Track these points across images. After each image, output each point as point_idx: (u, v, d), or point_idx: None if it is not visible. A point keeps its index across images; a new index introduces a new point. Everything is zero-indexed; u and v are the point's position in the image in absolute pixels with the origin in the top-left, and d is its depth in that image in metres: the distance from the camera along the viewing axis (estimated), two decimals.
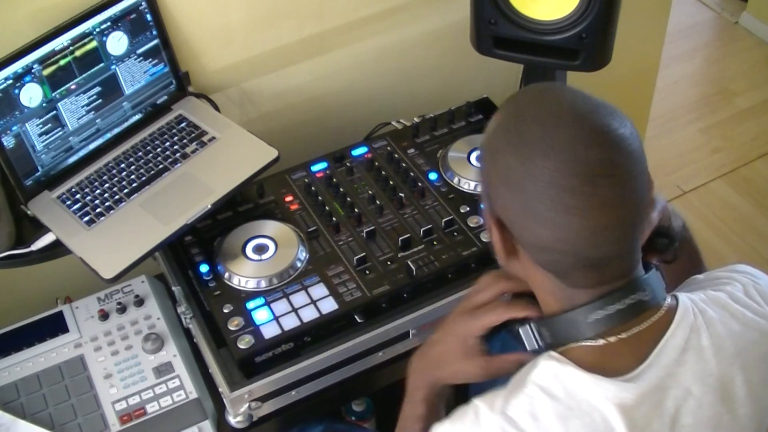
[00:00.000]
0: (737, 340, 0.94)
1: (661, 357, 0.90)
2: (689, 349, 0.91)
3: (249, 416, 1.25)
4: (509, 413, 0.88)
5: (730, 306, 0.96)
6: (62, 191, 1.38)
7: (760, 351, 0.96)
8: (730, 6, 3.50)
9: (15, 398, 1.27)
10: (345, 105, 1.75)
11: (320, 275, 1.32)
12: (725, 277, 1.02)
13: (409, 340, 1.32)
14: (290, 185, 1.48)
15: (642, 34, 2.05)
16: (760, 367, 0.96)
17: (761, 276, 1.03)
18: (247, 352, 1.22)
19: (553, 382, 0.89)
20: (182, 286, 1.33)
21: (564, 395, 0.88)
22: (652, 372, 0.89)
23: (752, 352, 0.95)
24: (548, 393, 0.88)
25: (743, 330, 0.95)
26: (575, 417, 0.87)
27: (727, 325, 0.94)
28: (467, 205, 1.42)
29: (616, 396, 0.87)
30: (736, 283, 1.00)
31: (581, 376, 0.88)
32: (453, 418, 0.93)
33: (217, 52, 1.55)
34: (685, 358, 0.91)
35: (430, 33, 1.75)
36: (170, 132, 1.47)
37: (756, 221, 2.66)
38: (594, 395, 0.87)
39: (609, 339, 0.90)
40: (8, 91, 1.27)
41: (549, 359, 0.91)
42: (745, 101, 3.08)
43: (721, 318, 0.94)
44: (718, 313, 0.95)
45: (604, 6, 1.31)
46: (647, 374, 0.89)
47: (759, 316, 0.97)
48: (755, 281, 1.01)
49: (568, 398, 0.88)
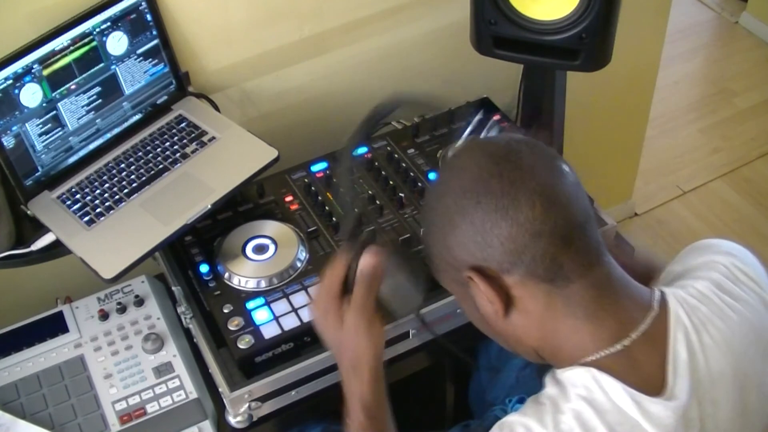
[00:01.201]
0: (742, 330, 0.93)
1: (678, 367, 0.89)
2: (695, 352, 0.90)
3: (249, 416, 1.25)
4: (563, 428, 0.87)
5: (718, 296, 0.94)
6: (62, 191, 1.38)
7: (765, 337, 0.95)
8: (730, 6, 3.50)
9: (15, 398, 1.27)
10: (345, 105, 1.75)
11: (320, 275, 1.31)
12: (703, 264, 0.99)
13: (409, 340, 1.32)
14: (290, 185, 1.48)
15: (642, 34, 2.05)
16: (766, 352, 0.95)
17: (739, 250, 1.01)
18: (247, 352, 1.22)
19: (598, 394, 0.88)
20: (182, 286, 1.33)
21: (610, 407, 0.87)
22: (679, 386, 0.88)
23: (760, 341, 0.94)
24: (594, 406, 0.87)
25: (740, 318, 0.93)
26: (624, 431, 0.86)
27: (724, 318, 0.93)
28: None
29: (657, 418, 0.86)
30: (718, 265, 0.98)
31: (621, 391, 0.87)
32: None
33: (217, 52, 1.55)
34: (694, 362, 0.89)
35: (430, 33, 1.75)
36: (170, 132, 1.47)
37: (756, 221, 2.66)
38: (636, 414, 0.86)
39: (624, 343, 0.89)
40: (8, 91, 1.27)
41: (581, 369, 0.90)
42: (745, 101, 3.08)
43: (714, 311, 0.93)
44: (709, 306, 0.93)
45: (604, 6, 1.31)
46: (676, 390, 0.88)
47: (753, 298, 0.95)
48: (734, 260, 0.99)
49: (614, 411, 0.87)
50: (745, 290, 0.96)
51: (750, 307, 0.95)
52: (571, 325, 0.91)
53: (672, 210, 2.71)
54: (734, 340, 0.92)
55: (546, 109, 1.65)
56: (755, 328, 0.94)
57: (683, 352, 0.89)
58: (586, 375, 0.89)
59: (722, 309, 0.93)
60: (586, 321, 0.90)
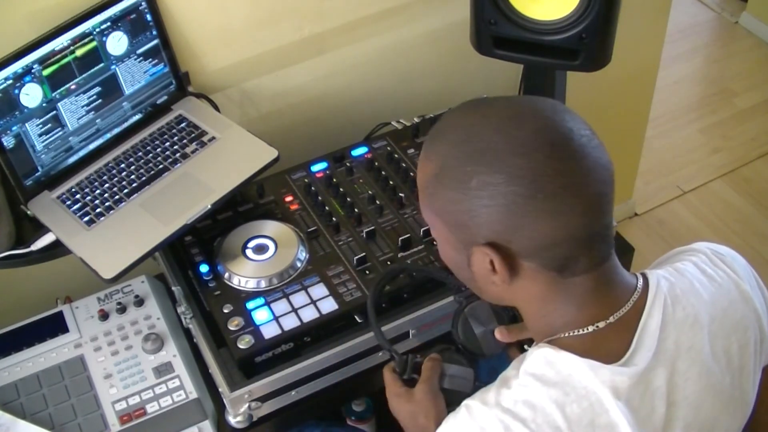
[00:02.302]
0: (710, 309, 0.96)
1: (644, 339, 0.91)
2: (667, 325, 0.92)
3: (249, 416, 1.25)
4: (505, 404, 0.88)
5: (697, 276, 0.98)
6: (62, 191, 1.38)
7: (734, 317, 0.98)
8: (730, 6, 3.50)
9: (15, 398, 1.27)
10: (345, 105, 1.75)
11: (320, 275, 1.32)
12: (687, 250, 1.04)
13: (409, 340, 1.32)
14: (290, 185, 1.48)
15: (642, 34, 2.05)
16: (737, 333, 0.98)
17: (719, 246, 1.05)
18: (247, 352, 1.22)
19: (547, 369, 0.90)
20: (182, 286, 1.33)
21: (559, 380, 0.89)
22: (640, 355, 0.91)
23: (726, 319, 0.97)
24: (542, 380, 0.89)
25: (713, 299, 0.97)
26: (572, 401, 0.88)
27: (698, 295, 0.96)
28: None
29: (610, 380, 0.88)
30: (700, 254, 1.02)
31: (577, 361, 0.89)
32: (445, 423, 0.92)
33: (217, 52, 1.55)
34: (664, 335, 0.92)
35: (430, 33, 1.75)
36: (170, 132, 1.47)
37: (756, 221, 2.66)
38: (590, 379, 0.88)
39: (598, 325, 0.91)
40: (8, 91, 1.27)
41: (541, 348, 0.92)
42: (745, 101, 3.08)
43: (690, 289, 0.96)
44: (686, 284, 0.96)
45: (604, 6, 1.31)
46: (635, 358, 0.90)
47: (726, 282, 0.99)
48: (715, 250, 1.03)
49: (563, 383, 0.88)
50: (720, 274, 0.99)
51: (722, 288, 0.98)
52: (559, 309, 0.93)
53: (672, 210, 2.71)
54: (701, 315, 0.95)
55: None
56: (723, 307, 0.97)
57: (654, 324, 0.92)
58: (540, 352, 0.91)
59: (695, 286, 0.97)
60: (574, 307, 0.92)
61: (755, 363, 1.00)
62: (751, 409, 1.01)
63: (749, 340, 0.98)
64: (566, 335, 0.92)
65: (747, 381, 0.99)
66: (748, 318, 0.99)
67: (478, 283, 0.96)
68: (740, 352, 0.98)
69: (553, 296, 0.92)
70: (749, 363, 0.99)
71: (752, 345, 0.99)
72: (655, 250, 0.97)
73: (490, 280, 0.92)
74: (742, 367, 0.98)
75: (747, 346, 0.98)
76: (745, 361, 0.98)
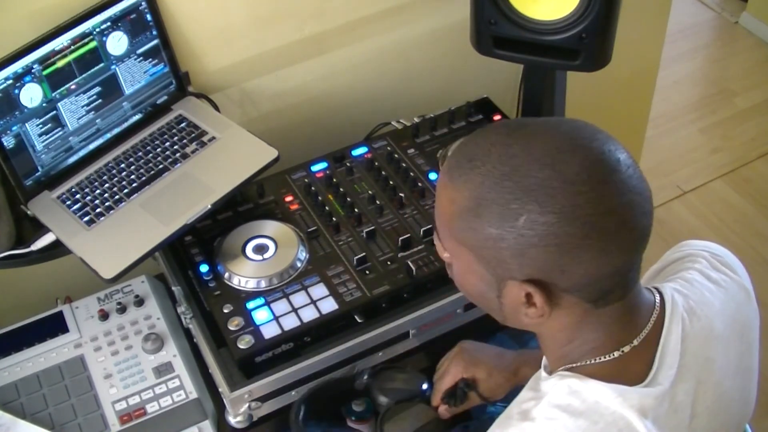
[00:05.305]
0: (722, 317, 0.96)
1: (666, 357, 0.90)
2: (686, 339, 0.92)
3: (249, 416, 1.25)
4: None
5: (705, 284, 0.98)
6: (62, 191, 1.38)
7: (742, 320, 0.98)
8: (730, 6, 3.50)
9: (15, 398, 1.27)
10: (345, 105, 1.75)
11: (320, 275, 1.32)
12: (685, 257, 1.02)
13: (408, 340, 1.32)
14: (290, 185, 1.48)
15: (642, 34, 2.05)
16: (745, 335, 0.98)
17: (712, 245, 1.04)
18: (247, 352, 1.22)
19: (572, 399, 0.87)
20: (182, 286, 1.33)
21: (585, 409, 0.87)
22: (663, 373, 0.89)
23: (736, 324, 0.97)
24: (568, 411, 0.87)
25: (723, 306, 0.97)
26: (601, 429, 0.86)
27: (710, 305, 0.96)
28: None
29: (639, 403, 0.86)
30: (700, 259, 1.01)
31: (603, 388, 0.87)
32: None
33: (217, 52, 1.55)
34: (684, 350, 0.91)
35: (430, 33, 1.75)
36: (170, 132, 1.47)
37: (756, 221, 2.66)
38: (618, 404, 0.86)
39: (624, 350, 0.90)
40: (8, 91, 1.27)
41: (564, 378, 0.90)
42: (745, 101, 3.08)
43: (702, 299, 0.96)
44: (698, 295, 0.96)
45: (604, 6, 1.31)
46: (659, 377, 0.89)
47: (731, 286, 0.99)
48: (712, 252, 1.02)
49: (591, 412, 0.86)
50: (724, 278, 0.99)
51: (729, 292, 0.98)
52: (586, 337, 0.91)
53: (672, 210, 2.71)
54: (716, 324, 0.95)
55: (546, 109, 1.65)
56: (733, 312, 0.97)
57: (674, 341, 0.91)
58: (564, 383, 0.89)
59: (706, 296, 0.96)
60: (603, 335, 0.90)
61: (758, 361, 1.01)
62: (753, 407, 1.02)
63: (754, 341, 1.00)
64: (589, 362, 0.90)
65: (752, 381, 1.00)
66: (753, 318, 0.99)
67: (504, 312, 0.92)
68: (748, 353, 0.98)
69: (583, 326, 0.90)
70: (754, 363, 1.00)
71: (756, 343, 1.00)
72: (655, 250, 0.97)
73: (522, 312, 0.89)
74: (749, 368, 0.99)
75: (752, 346, 0.99)
76: (752, 361, 0.99)
